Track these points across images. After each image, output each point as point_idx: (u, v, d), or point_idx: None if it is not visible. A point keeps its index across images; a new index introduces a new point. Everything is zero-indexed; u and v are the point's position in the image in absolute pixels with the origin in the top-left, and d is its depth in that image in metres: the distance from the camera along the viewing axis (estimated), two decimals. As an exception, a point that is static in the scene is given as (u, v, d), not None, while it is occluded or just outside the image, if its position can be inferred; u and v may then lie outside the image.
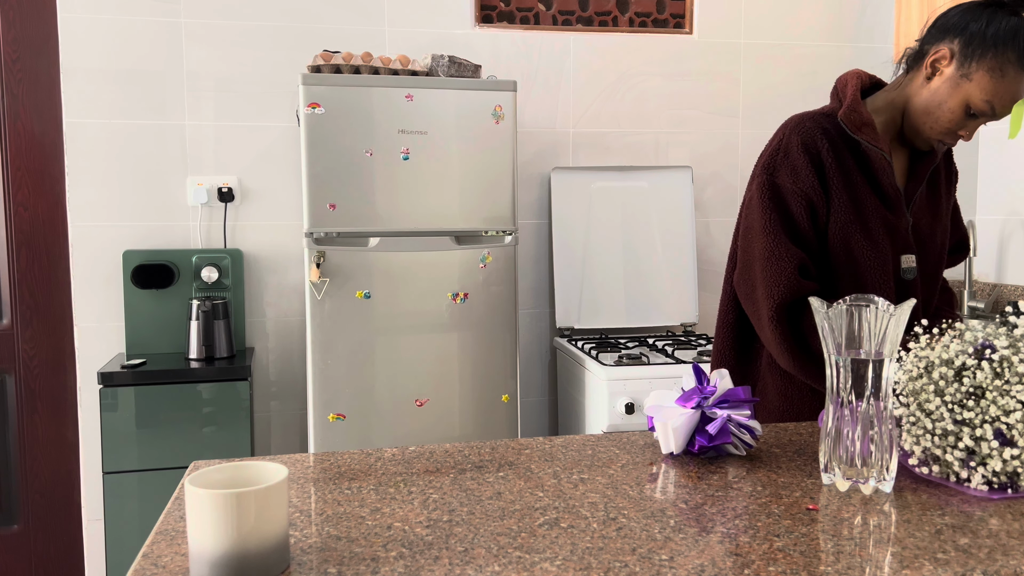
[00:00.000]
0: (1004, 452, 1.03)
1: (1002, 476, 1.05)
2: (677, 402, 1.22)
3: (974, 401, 1.06)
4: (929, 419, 1.09)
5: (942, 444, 1.08)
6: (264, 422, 3.06)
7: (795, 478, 1.12)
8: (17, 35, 2.88)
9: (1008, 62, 1.39)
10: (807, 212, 1.47)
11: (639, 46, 3.27)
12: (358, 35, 3.04)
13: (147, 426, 2.56)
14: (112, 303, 2.91)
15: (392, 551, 0.89)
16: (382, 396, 2.60)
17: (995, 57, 1.39)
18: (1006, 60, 1.39)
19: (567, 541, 0.91)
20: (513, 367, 2.71)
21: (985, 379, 1.05)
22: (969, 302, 3.20)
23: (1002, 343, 1.06)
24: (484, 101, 2.62)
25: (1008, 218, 3.20)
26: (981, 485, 1.05)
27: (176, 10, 2.91)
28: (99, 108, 2.87)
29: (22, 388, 2.95)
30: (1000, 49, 1.38)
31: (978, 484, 1.04)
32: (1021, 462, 1.03)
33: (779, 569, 0.84)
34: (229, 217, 2.97)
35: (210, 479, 0.86)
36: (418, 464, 1.20)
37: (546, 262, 3.27)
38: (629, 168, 3.22)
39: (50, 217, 2.94)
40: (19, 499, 2.97)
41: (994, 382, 1.04)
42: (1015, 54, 1.38)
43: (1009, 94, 1.41)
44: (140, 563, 0.87)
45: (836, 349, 1.07)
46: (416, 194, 2.59)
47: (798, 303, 1.45)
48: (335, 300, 2.56)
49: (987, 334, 1.09)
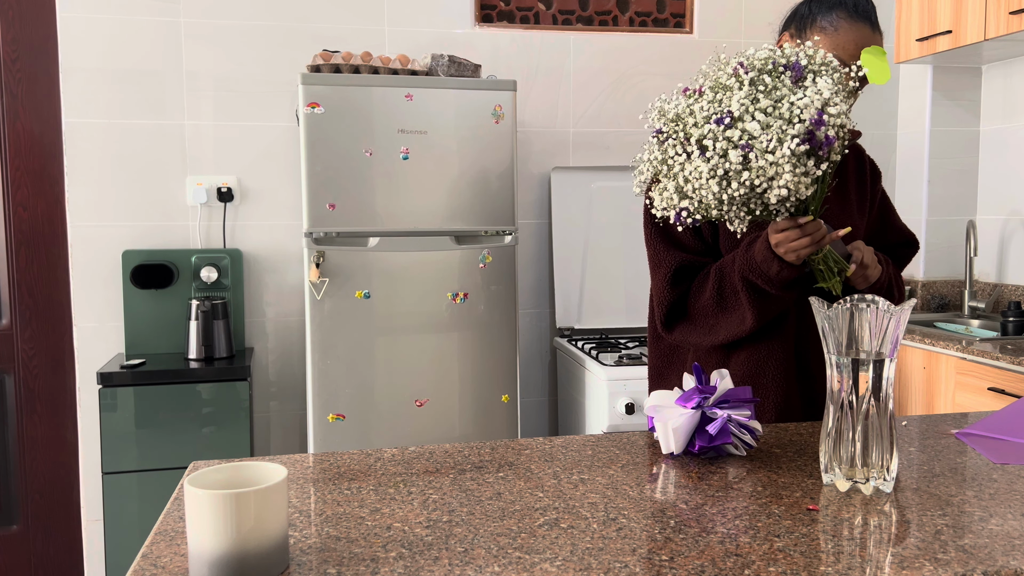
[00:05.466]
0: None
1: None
2: (677, 402, 1.22)
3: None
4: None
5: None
6: (264, 422, 3.06)
7: (795, 478, 1.12)
8: (17, 35, 2.88)
9: (838, 18, 1.49)
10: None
11: (639, 46, 3.27)
12: (358, 35, 3.04)
13: (146, 426, 2.55)
14: (111, 303, 2.91)
15: (392, 551, 0.89)
16: (382, 396, 2.60)
17: (823, 18, 1.50)
18: (835, 17, 1.49)
19: (567, 541, 0.91)
20: (513, 367, 2.70)
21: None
22: (970, 302, 3.20)
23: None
24: (484, 101, 2.62)
25: (1008, 218, 3.20)
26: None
27: (175, 10, 2.90)
28: (98, 108, 2.87)
29: (21, 388, 2.95)
30: (825, 11, 1.50)
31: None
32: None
33: (779, 569, 0.84)
34: (228, 217, 2.97)
35: (209, 479, 0.85)
36: (418, 464, 1.20)
37: (546, 262, 3.27)
38: (629, 168, 3.22)
39: (49, 217, 2.94)
40: (18, 499, 2.97)
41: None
42: (842, 10, 1.49)
43: (851, 43, 1.48)
44: (139, 563, 0.87)
45: (836, 349, 1.06)
46: (416, 194, 2.59)
47: (676, 299, 1.56)
48: (335, 300, 2.55)
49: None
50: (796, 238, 1.30)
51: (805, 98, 1.14)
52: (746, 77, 1.17)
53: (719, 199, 1.18)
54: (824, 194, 1.26)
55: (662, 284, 1.54)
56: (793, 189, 1.16)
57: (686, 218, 1.23)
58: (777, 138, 1.13)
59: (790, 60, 1.19)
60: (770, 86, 1.17)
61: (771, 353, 1.52)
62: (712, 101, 1.18)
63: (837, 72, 1.20)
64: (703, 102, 1.18)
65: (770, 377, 1.51)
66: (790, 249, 1.32)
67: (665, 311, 1.55)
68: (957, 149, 3.35)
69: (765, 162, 1.13)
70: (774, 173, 1.14)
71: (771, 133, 1.13)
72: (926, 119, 3.33)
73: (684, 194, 1.20)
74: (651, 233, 1.57)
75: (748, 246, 1.43)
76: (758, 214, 1.23)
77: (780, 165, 1.14)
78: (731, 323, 1.48)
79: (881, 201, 1.71)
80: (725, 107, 1.16)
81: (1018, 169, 3.17)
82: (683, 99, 1.22)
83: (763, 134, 1.13)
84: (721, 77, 1.20)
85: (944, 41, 2.95)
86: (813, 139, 1.15)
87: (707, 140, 1.15)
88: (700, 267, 1.54)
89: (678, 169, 1.19)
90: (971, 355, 2.52)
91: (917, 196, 3.37)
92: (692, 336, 1.54)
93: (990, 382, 2.45)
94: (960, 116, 3.34)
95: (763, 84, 1.17)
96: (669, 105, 1.23)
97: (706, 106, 1.17)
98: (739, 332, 1.48)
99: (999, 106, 3.26)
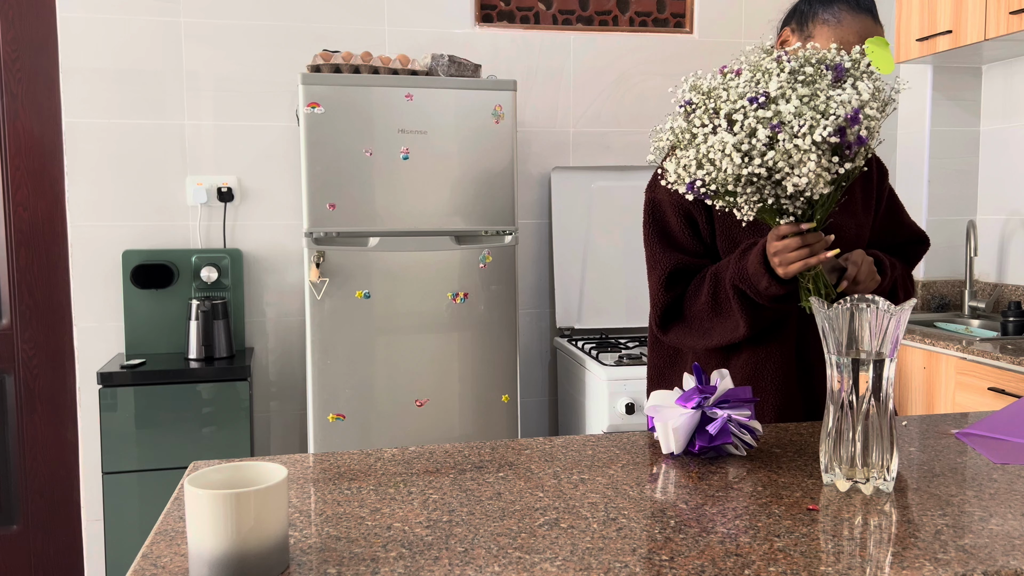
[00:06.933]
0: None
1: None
2: (677, 402, 1.22)
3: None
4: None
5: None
6: (264, 422, 3.06)
7: (795, 478, 1.12)
8: (17, 35, 2.88)
9: (840, 11, 1.49)
10: (684, 221, 1.53)
11: (639, 46, 3.27)
12: (358, 35, 3.04)
13: (146, 426, 2.55)
14: (111, 303, 2.91)
15: (392, 551, 0.89)
16: (382, 396, 2.60)
17: (825, 11, 1.51)
18: (837, 10, 1.50)
19: (567, 541, 0.91)
20: (513, 367, 2.70)
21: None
22: (970, 302, 3.20)
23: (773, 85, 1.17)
24: (484, 101, 2.62)
25: (1008, 218, 3.20)
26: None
27: (175, 10, 2.90)
28: (98, 108, 2.87)
29: (22, 388, 2.95)
30: (826, 5, 1.51)
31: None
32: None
33: (779, 569, 0.84)
34: (229, 217, 2.97)
35: (209, 479, 0.85)
36: (418, 464, 1.20)
37: (546, 262, 3.27)
38: (629, 168, 3.22)
39: (49, 217, 2.94)
40: (19, 499, 2.97)
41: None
42: (843, 3, 1.49)
43: (853, 35, 1.48)
44: (139, 563, 0.87)
45: (836, 349, 1.06)
46: (416, 194, 2.59)
47: (671, 302, 1.56)
48: (335, 300, 2.55)
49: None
50: (795, 247, 1.28)
51: (844, 95, 1.15)
52: (788, 65, 1.18)
53: (737, 176, 1.18)
54: (834, 205, 1.26)
55: (657, 286, 1.54)
56: (813, 180, 1.16)
57: (699, 188, 1.23)
58: (809, 125, 1.13)
59: (834, 61, 1.20)
60: (810, 77, 1.17)
61: (771, 355, 1.51)
62: (749, 81, 1.19)
63: (879, 81, 1.20)
64: (739, 81, 1.19)
65: (770, 379, 1.51)
66: (786, 260, 1.29)
67: (660, 313, 1.54)
68: (957, 149, 3.35)
69: (792, 146, 1.13)
70: (799, 159, 1.14)
71: (804, 120, 1.13)
72: (926, 119, 3.33)
73: (701, 164, 1.21)
74: (650, 233, 1.57)
75: (743, 253, 1.42)
76: (769, 204, 1.23)
77: (807, 152, 1.14)
78: (725, 329, 1.48)
79: (889, 199, 1.70)
80: (762, 88, 1.17)
81: (1018, 169, 3.17)
82: (719, 76, 1.23)
83: (795, 120, 1.14)
84: (762, 62, 1.21)
85: (944, 41, 2.95)
86: (843, 135, 1.15)
87: (737, 115, 1.16)
88: (697, 269, 1.54)
89: (701, 139, 1.19)
90: (971, 355, 2.52)
91: (917, 196, 3.37)
92: (687, 339, 1.54)
93: (990, 382, 2.45)
94: (960, 116, 3.34)
95: (803, 74, 1.18)
96: (703, 81, 1.23)
97: (742, 85, 1.18)
98: (733, 338, 1.48)
99: (999, 106, 3.26)
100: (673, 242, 1.55)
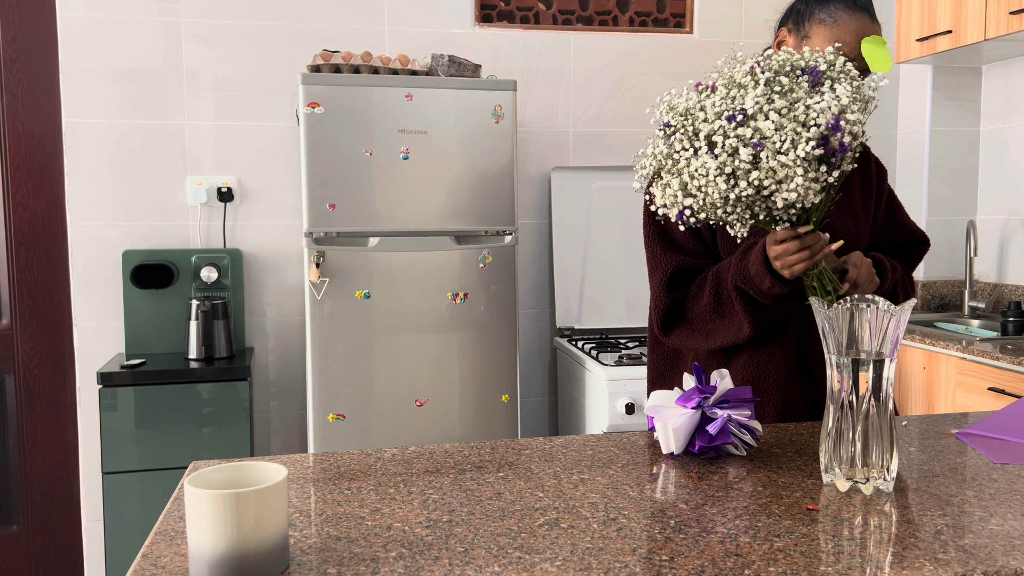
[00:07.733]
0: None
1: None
2: (677, 402, 1.22)
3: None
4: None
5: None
6: (264, 422, 3.06)
7: (795, 478, 1.12)
8: (17, 35, 2.88)
9: (836, 10, 1.49)
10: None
11: (639, 46, 3.27)
12: (358, 35, 3.04)
13: (146, 426, 2.55)
14: (111, 303, 2.91)
15: (392, 551, 0.89)
16: (382, 396, 2.60)
17: (822, 11, 1.51)
18: (833, 9, 1.50)
19: (567, 541, 0.91)
20: (513, 367, 2.70)
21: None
22: (970, 302, 3.20)
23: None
24: (484, 101, 2.62)
25: (1008, 218, 3.20)
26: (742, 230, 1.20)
27: (175, 10, 2.90)
28: (98, 108, 2.87)
29: (22, 388, 2.95)
30: (823, 4, 1.51)
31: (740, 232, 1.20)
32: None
33: (779, 569, 0.84)
34: (228, 217, 2.97)
35: (209, 479, 0.85)
36: (418, 464, 1.20)
37: (546, 262, 3.27)
38: (629, 168, 3.22)
39: (49, 217, 2.94)
40: (19, 499, 2.97)
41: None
42: (840, 2, 1.49)
43: (851, 34, 1.48)
44: (139, 563, 0.87)
45: (836, 349, 1.06)
46: (416, 194, 2.59)
47: (672, 304, 1.55)
48: (335, 300, 2.55)
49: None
50: (795, 251, 1.27)
51: (823, 102, 1.12)
52: (762, 76, 1.15)
53: (725, 198, 1.15)
54: (828, 205, 1.25)
55: (658, 287, 1.54)
56: (803, 194, 1.14)
57: (688, 217, 1.21)
58: (791, 140, 1.11)
59: (809, 64, 1.17)
60: (786, 87, 1.15)
61: (772, 357, 1.51)
62: (725, 98, 1.16)
63: (856, 80, 1.18)
64: (715, 98, 1.16)
65: (771, 381, 1.51)
66: (786, 264, 1.29)
67: (662, 314, 1.54)
68: (957, 149, 3.35)
69: (776, 163, 1.11)
70: (784, 176, 1.12)
71: (785, 134, 1.11)
72: (926, 119, 3.33)
73: (689, 192, 1.18)
74: (650, 234, 1.56)
75: (744, 254, 1.41)
76: (761, 219, 1.22)
77: (792, 168, 1.11)
78: (729, 330, 1.47)
79: (888, 199, 1.70)
80: (738, 104, 1.14)
81: (1018, 169, 3.17)
82: (694, 94, 1.20)
83: (776, 135, 1.11)
84: (736, 75, 1.18)
85: (944, 41, 2.95)
86: (827, 144, 1.13)
87: (716, 136, 1.13)
88: (698, 270, 1.53)
89: (683, 164, 1.16)
90: (971, 355, 2.52)
91: (917, 196, 3.37)
92: (690, 340, 1.53)
93: (990, 382, 2.45)
94: (960, 116, 3.34)
95: (779, 85, 1.15)
96: (679, 100, 1.21)
97: (718, 102, 1.15)
98: (737, 339, 1.47)
99: (999, 106, 3.26)
100: (674, 243, 1.55)
